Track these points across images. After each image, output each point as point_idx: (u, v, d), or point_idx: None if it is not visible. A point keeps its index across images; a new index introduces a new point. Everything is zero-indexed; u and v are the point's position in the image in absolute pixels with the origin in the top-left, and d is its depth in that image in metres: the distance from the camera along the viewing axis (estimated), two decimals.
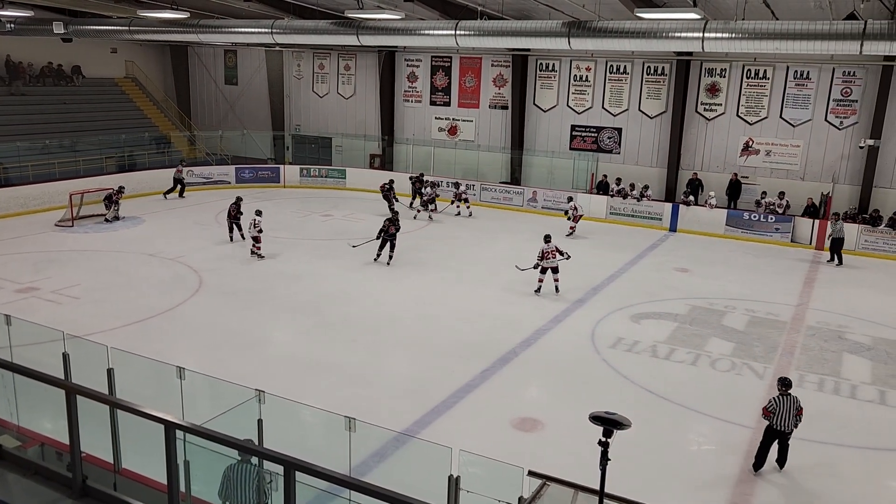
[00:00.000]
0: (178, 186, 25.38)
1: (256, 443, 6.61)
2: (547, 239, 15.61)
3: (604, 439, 4.73)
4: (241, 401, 7.13)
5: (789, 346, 13.21)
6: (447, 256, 18.84)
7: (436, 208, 23.68)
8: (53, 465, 5.58)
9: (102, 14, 23.10)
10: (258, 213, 17.99)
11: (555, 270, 15.51)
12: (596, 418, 4.76)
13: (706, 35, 14.61)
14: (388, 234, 17.59)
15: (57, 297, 14.45)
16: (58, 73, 29.28)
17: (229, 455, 6.48)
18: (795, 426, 8.76)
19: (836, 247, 19.42)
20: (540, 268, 15.46)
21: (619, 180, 24.29)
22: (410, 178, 25.20)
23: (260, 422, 6.91)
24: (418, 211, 23.38)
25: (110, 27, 22.59)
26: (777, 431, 8.74)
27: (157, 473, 5.95)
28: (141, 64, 33.02)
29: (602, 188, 24.40)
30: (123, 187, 22.37)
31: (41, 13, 23.18)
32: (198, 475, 5.92)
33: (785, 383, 8.86)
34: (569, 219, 21.64)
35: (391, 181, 24.14)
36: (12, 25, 22.65)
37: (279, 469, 4.33)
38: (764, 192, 22.50)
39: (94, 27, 22.76)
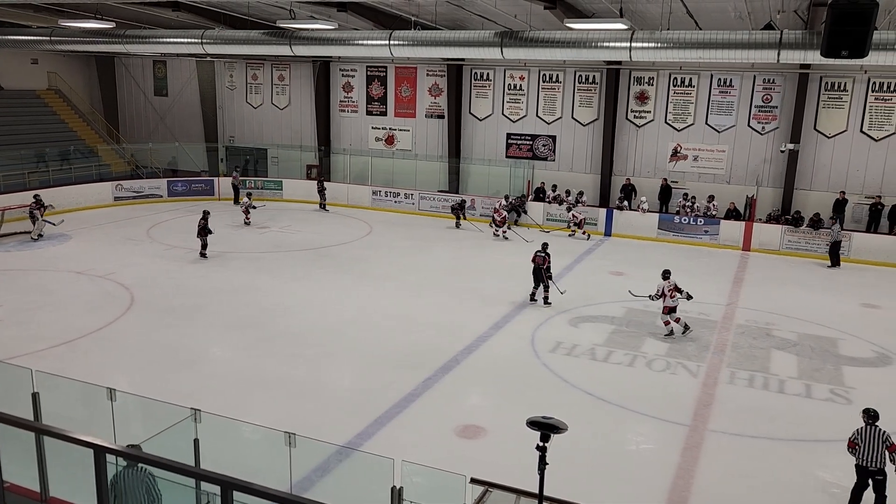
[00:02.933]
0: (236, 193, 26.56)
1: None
2: (666, 275, 13.93)
3: (541, 444, 4.79)
4: (175, 421, 6.95)
5: (720, 345, 13.66)
6: (387, 265, 18.79)
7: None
8: None
9: (21, 24, 22.22)
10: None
11: (672, 311, 13.84)
12: (533, 423, 4.82)
13: (633, 45, 15.06)
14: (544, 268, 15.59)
15: None
16: None
17: (164, 477, 6.30)
18: (884, 463, 7.86)
19: (835, 250, 20.05)
20: (664, 308, 13.89)
21: (554, 187, 24.73)
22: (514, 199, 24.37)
23: (196, 441, 6.74)
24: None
25: (30, 37, 21.77)
26: (866, 469, 7.92)
27: (88, 500, 5.74)
28: (64, 75, 31.87)
29: (539, 195, 24.80)
30: (38, 195, 20.95)
31: None
32: (130, 499, 5.72)
33: (870, 414, 8.09)
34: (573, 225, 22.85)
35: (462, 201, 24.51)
36: None
37: (216, 489, 4.24)
38: (685, 194, 23.26)
39: (13, 37, 21.89)
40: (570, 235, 23.00)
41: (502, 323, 14.51)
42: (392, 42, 16.99)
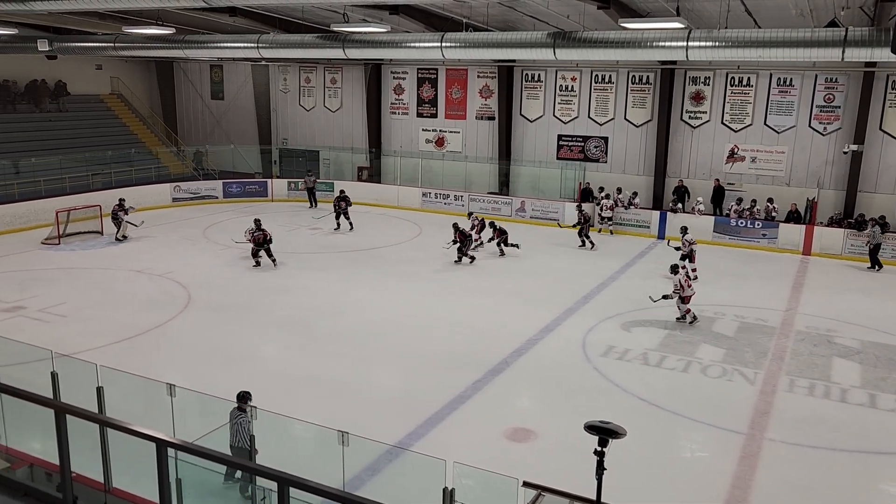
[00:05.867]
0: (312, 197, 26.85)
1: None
2: (675, 270, 14.73)
3: (599, 449, 4.72)
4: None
5: (779, 352, 13.27)
6: (436, 267, 18.83)
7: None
8: (43, 486, 5.52)
9: (87, 31, 23.04)
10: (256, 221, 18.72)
11: (689, 299, 14.49)
12: (591, 428, 4.75)
13: (690, 44, 14.77)
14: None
15: (44, 316, 14.31)
16: (42, 90, 29.11)
17: (221, 472, 6.43)
18: None
19: (874, 252, 19.59)
20: (685, 298, 14.45)
21: (601, 189, 24.37)
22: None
23: (252, 437, 6.86)
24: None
25: (95, 44, 22.55)
26: None
27: (149, 492, 5.89)
28: (126, 80, 32.92)
29: (585, 196, 24.54)
30: (123, 199, 21.46)
31: (26, 31, 23.09)
32: (190, 492, 5.86)
33: None
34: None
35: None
36: None
37: (273, 485, 4.29)
38: (739, 199, 22.66)
39: (79, 44, 22.72)
40: (610, 233, 23.13)
41: (552, 326, 14.38)
42: (444, 44, 17.03)
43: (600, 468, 4.76)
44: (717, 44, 14.74)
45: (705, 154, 24.14)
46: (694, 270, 17.48)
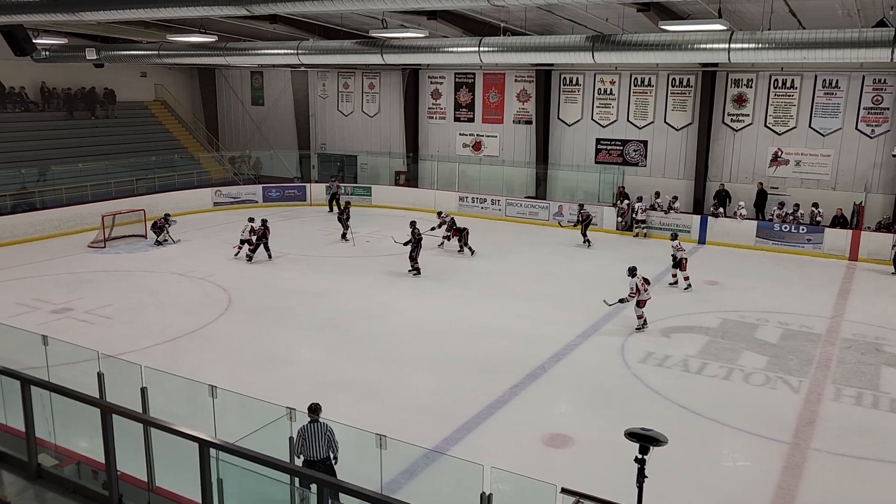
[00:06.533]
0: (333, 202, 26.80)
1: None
2: (633, 272, 14.25)
3: (640, 456, 4.66)
4: (271, 419, 7.17)
5: (825, 360, 12.94)
6: (472, 271, 18.80)
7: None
8: (90, 484, 5.64)
9: (133, 39, 23.61)
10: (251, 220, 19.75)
11: (645, 304, 14.29)
12: (632, 435, 4.69)
13: (732, 46, 14.50)
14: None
15: (90, 318, 14.68)
16: (90, 97, 29.93)
17: (261, 472, 6.49)
18: None
19: None
20: (640, 302, 14.21)
21: (640, 198, 24.08)
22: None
23: (291, 439, 6.93)
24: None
25: (140, 52, 23.07)
26: None
27: (190, 492, 6.00)
28: (170, 87, 33.64)
29: (621, 200, 24.33)
30: (168, 214, 22.14)
31: (74, 40, 23.77)
32: (231, 493, 5.93)
33: None
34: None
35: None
36: (47, 53, 23.22)
37: (312, 487, 4.33)
38: (781, 203, 22.16)
39: (125, 52, 23.26)
40: (644, 236, 23.15)
41: (590, 332, 14.25)
42: (482, 48, 17.01)
43: (641, 476, 4.69)
44: (760, 45, 14.44)
45: (748, 157, 23.69)
46: (686, 279, 17.38)
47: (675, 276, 17.61)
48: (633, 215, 23.50)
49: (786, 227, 21.51)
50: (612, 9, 16.92)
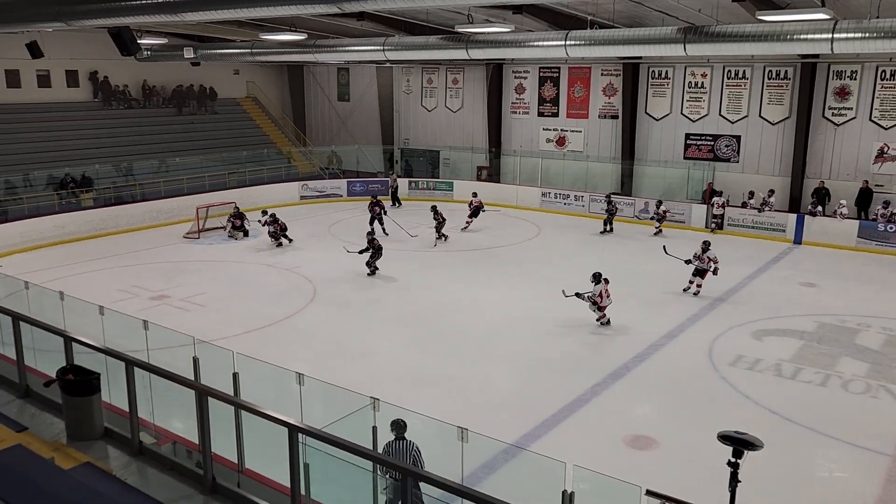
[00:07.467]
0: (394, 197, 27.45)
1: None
2: (597, 279, 13.94)
3: (733, 460, 4.48)
4: (355, 408, 7.30)
5: None
6: (554, 268, 18.59)
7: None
8: (185, 462, 5.90)
9: (227, 38, 24.54)
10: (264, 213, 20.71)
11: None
12: (726, 438, 4.52)
13: (836, 36, 13.72)
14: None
15: (185, 305, 15.38)
16: (188, 94, 31.32)
17: (345, 459, 6.62)
18: None
19: None
20: (596, 305, 13.99)
21: (720, 193, 23.41)
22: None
23: (374, 429, 7.04)
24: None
25: (235, 50, 23.94)
26: None
27: (277, 475, 6.18)
28: (261, 84, 34.79)
29: (712, 196, 23.59)
30: (237, 211, 22.33)
31: (173, 40, 24.94)
32: (316, 477, 6.08)
33: None
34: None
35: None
36: (149, 52, 24.45)
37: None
38: (886, 202, 20.83)
39: (220, 51, 24.20)
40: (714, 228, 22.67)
41: (676, 332, 13.85)
42: (568, 42, 16.75)
43: (734, 480, 4.52)
44: (866, 35, 13.60)
45: (850, 153, 22.42)
46: (699, 286, 16.03)
47: (695, 283, 16.08)
48: (712, 209, 23.04)
49: (891, 228, 20.24)
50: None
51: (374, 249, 17.75)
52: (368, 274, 17.71)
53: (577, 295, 14.02)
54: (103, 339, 8.08)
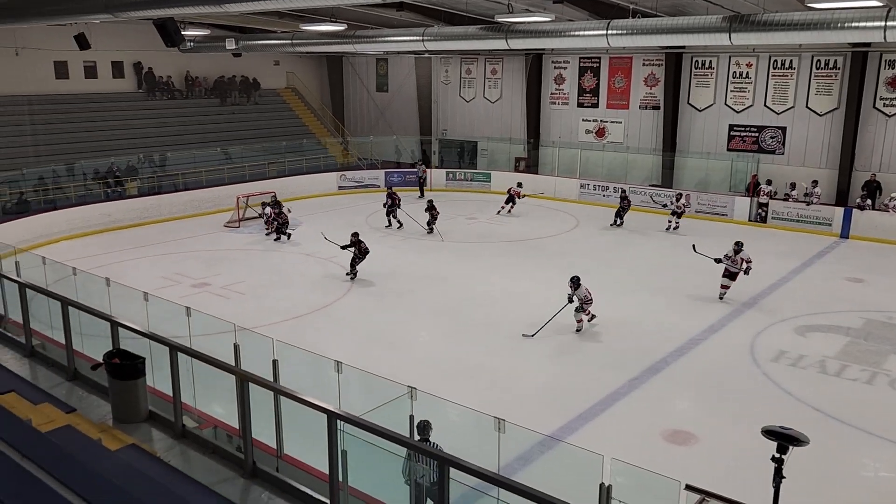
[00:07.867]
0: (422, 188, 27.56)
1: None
2: (577, 283, 13.13)
3: (778, 455, 4.39)
4: (393, 396, 7.34)
5: None
6: (591, 260, 18.39)
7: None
8: (226, 446, 6.01)
9: (268, 29, 24.78)
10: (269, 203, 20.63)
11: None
12: (770, 433, 4.43)
13: (889, 24, 13.25)
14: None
15: (225, 293, 15.63)
16: (230, 85, 31.74)
17: (382, 446, 6.67)
18: None
19: None
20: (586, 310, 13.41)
21: (769, 181, 22.88)
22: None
23: (412, 417, 7.07)
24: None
25: (275, 41, 24.15)
26: None
27: (315, 461, 6.25)
28: (300, 74, 35.07)
29: (756, 188, 23.14)
30: (274, 199, 21.92)
31: (215, 31, 25.28)
32: (353, 465, 6.14)
33: None
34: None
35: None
36: (191, 43, 24.82)
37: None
38: None
39: (261, 42, 24.44)
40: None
41: (717, 326, 13.63)
42: (609, 31, 16.50)
43: (778, 475, 4.42)
44: None
45: None
46: (725, 288, 15.07)
47: (721, 286, 15.17)
48: (758, 199, 22.57)
49: None
50: None
51: (360, 252, 16.53)
52: (347, 274, 16.56)
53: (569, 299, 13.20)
54: (147, 325, 8.25)
